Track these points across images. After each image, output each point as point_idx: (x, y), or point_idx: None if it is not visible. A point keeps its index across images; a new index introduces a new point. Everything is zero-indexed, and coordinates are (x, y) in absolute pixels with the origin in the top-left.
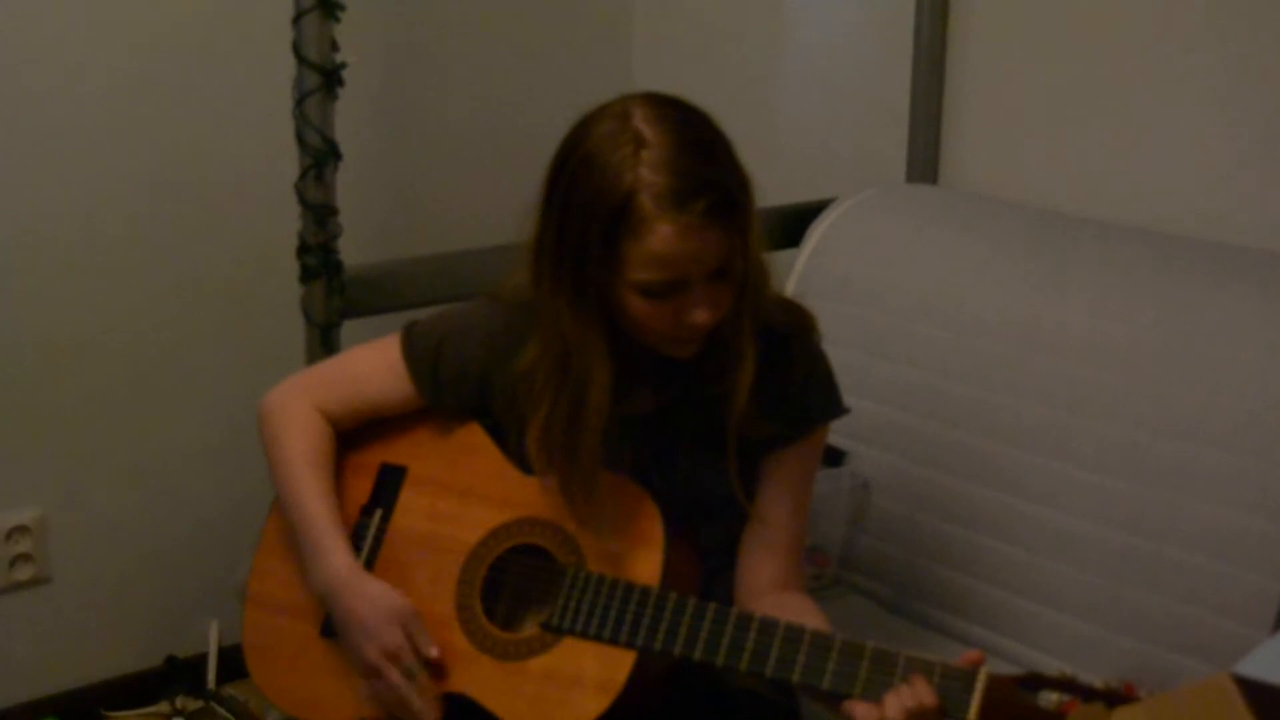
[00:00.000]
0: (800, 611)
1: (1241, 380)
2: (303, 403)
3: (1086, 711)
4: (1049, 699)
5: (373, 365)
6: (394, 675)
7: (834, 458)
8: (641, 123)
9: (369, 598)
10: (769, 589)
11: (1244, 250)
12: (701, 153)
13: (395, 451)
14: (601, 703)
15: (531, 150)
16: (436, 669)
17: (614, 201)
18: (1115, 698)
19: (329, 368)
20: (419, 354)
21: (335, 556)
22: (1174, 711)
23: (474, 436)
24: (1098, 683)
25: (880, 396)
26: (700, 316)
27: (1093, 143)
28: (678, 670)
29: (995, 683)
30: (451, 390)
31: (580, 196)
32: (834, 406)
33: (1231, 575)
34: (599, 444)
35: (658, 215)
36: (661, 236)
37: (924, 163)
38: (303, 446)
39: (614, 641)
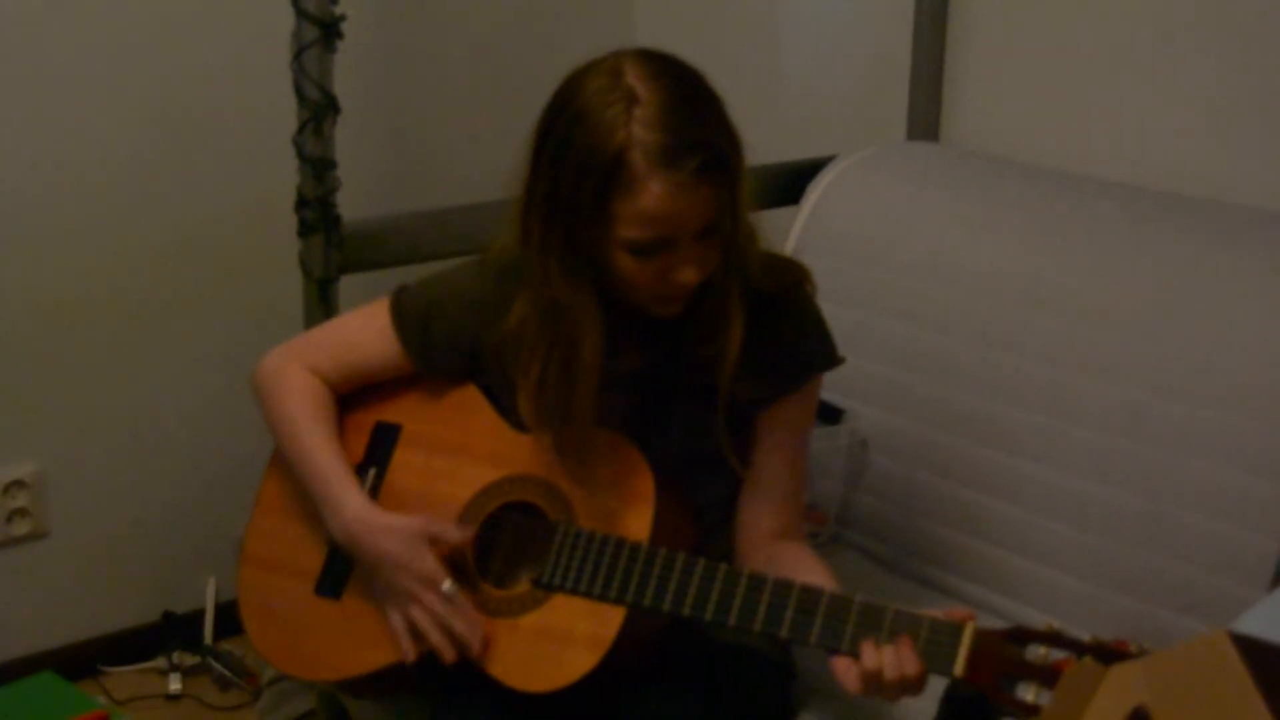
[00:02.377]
0: (798, 560)
1: (1243, 340)
2: (297, 365)
3: (1083, 667)
4: (1036, 652)
5: (363, 330)
6: (433, 600)
7: (832, 415)
8: (634, 79)
9: (390, 529)
10: (767, 539)
11: (1247, 209)
12: (693, 111)
13: (390, 410)
14: (591, 659)
15: (532, 104)
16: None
17: (605, 159)
18: (1104, 651)
19: (319, 333)
20: (408, 320)
21: (350, 502)
22: (1170, 668)
23: (468, 395)
24: (1086, 637)
25: (879, 354)
26: (687, 274)
27: (1095, 101)
28: (670, 626)
29: (982, 636)
30: (442, 356)
31: (571, 153)
32: (828, 356)
33: (1230, 535)
34: (593, 402)
35: (649, 173)
36: (652, 194)
37: (925, 120)
38: (303, 402)
39: (603, 598)
